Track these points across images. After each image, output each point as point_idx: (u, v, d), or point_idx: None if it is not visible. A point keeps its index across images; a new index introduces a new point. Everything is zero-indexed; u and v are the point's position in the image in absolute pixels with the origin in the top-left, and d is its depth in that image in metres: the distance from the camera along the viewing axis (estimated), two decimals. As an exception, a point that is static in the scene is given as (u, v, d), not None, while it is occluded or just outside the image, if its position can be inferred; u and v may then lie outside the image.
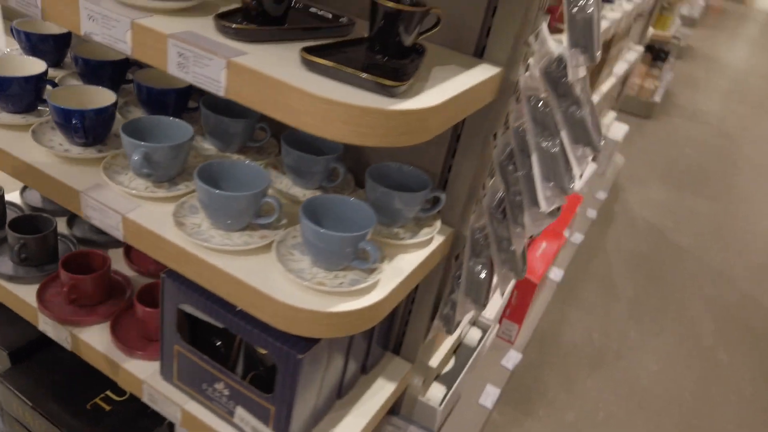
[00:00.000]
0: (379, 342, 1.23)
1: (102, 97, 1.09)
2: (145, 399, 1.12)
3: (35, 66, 1.14)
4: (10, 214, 1.40)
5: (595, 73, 2.20)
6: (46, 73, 1.13)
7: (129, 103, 1.24)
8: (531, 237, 1.07)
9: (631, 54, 2.90)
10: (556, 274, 2.62)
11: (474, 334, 1.71)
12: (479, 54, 0.97)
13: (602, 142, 1.02)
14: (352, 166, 1.16)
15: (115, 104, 1.07)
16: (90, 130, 1.05)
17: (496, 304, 1.86)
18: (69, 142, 1.07)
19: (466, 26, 0.96)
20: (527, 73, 0.97)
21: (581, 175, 1.02)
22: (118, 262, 1.36)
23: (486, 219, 1.08)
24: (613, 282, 2.92)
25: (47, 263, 1.28)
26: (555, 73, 0.95)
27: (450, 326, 1.22)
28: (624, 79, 3.23)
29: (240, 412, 1.03)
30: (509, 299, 2.12)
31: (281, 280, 0.87)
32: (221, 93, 0.76)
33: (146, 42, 0.79)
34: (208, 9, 0.88)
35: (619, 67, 2.66)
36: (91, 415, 1.20)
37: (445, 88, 0.80)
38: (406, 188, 1.02)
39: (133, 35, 0.80)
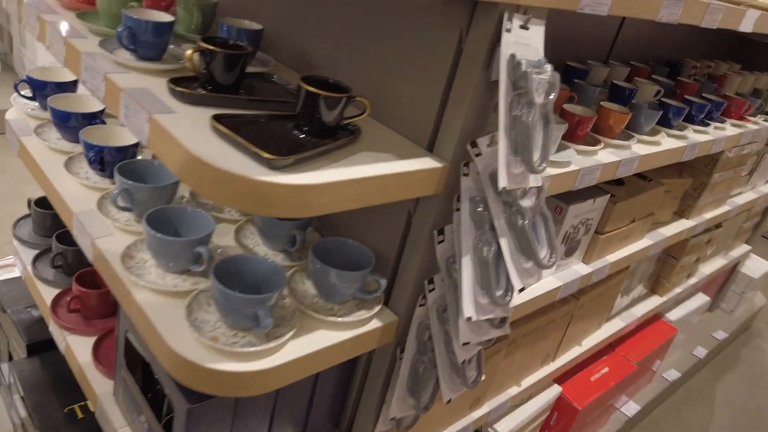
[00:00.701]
0: (329, 419, 1.21)
1: (127, 138, 1.24)
2: (96, 414, 1.21)
3: (95, 105, 1.34)
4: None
5: (691, 197, 2.01)
6: (101, 112, 1.32)
7: (168, 148, 1.39)
8: (464, 343, 1.01)
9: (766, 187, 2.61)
10: (628, 407, 2.36)
11: (477, 444, 1.60)
12: (431, 147, 0.97)
13: (552, 261, 0.95)
14: (327, 234, 1.19)
15: (134, 145, 1.22)
16: (108, 164, 1.20)
17: (514, 419, 1.72)
18: (93, 172, 1.23)
19: (421, 119, 0.97)
20: (476, 174, 0.94)
21: (521, 289, 0.95)
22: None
23: (434, 317, 1.04)
24: (706, 433, 2.54)
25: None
26: (504, 177, 0.92)
27: (397, 423, 1.17)
28: (763, 212, 2.89)
29: (154, 447, 1.07)
30: (547, 420, 1.95)
31: (184, 328, 0.91)
32: (145, 143, 0.85)
33: (111, 92, 0.91)
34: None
35: (743, 198, 2.40)
36: (63, 418, 1.32)
37: (350, 171, 0.82)
38: (351, 266, 1.02)
39: (106, 86, 0.93)
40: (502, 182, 0.87)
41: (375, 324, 1.04)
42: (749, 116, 2.00)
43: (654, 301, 2.25)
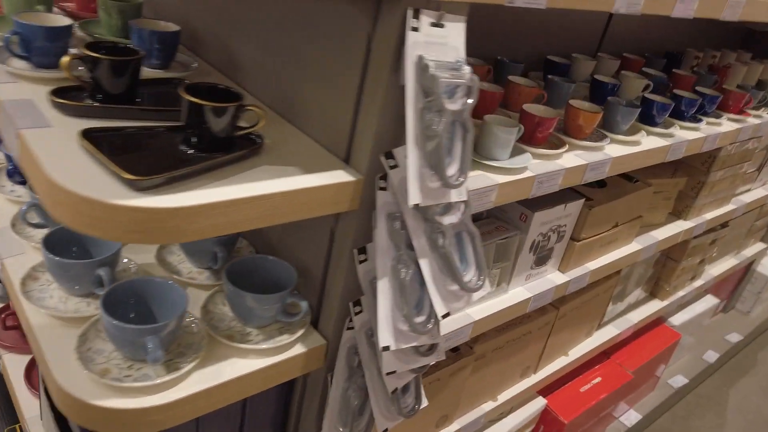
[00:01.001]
0: (268, 445, 1.14)
1: (54, 148, 1.18)
2: (24, 438, 1.15)
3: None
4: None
5: (688, 197, 1.88)
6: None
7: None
8: (389, 373, 0.92)
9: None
10: (628, 416, 2.24)
11: (446, 465, 1.50)
12: (348, 158, 0.87)
13: (480, 283, 0.85)
14: (262, 248, 1.11)
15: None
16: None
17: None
18: (20, 186, 1.17)
19: (336, 127, 0.88)
20: (394, 188, 0.85)
21: (445, 315, 0.85)
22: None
23: (363, 342, 0.95)
24: (715, 444, 2.41)
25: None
26: (423, 191, 0.82)
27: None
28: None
29: (70, 479, 1.00)
30: (532, 434, 1.85)
31: (73, 358, 0.84)
32: (17, 161, 0.77)
33: (-7, 104, 0.84)
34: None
35: (751, 195, 2.25)
36: (1, 439, 1.27)
37: (236, 190, 0.73)
38: (274, 285, 0.95)
39: (-10, 97, 0.86)
40: (414, 198, 0.77)
41: (298, 349, 0.96)
42: (751, 110, 1.85)
43: (653, 306, 2.13)
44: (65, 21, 0.92)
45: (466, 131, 0.79)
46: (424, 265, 0.83)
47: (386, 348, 0.84)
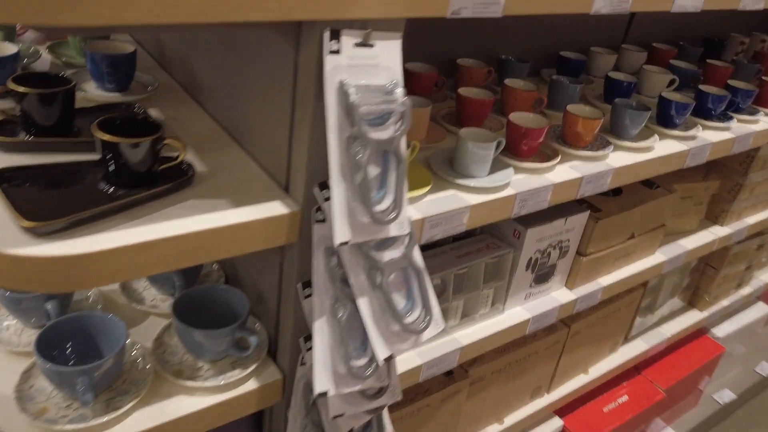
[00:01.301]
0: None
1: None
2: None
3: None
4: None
5: (724, 201, 1.72)
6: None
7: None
8: (336, 416, 0.86)
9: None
10: (665, 435, 2.10)
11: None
12: (288, 187, 0.82)
13: (425, 324, 0.78)
14: (229, 271, 1.08)
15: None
16: None
17: (497, 459, 1.54)
18: None
19: (276, 155, 0.82)
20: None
21: (389, 358, 0.79)
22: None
23: (318, 376, 0.90)
24: (767, 465, 2.23)
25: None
26: (362, 224, 0.76)
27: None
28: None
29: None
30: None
31: (12, 397, 0.82)
32: (-56, 201, 0.76)
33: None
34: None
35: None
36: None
37: (149, 230, 0.69)
38: (228, 315, 0.92)
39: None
40: (341, 236, 0.71)
41: (251, 386, 0.91)
42: (797, 103, 1.67)
43: (692, 317, 1.98)
44: (11, 50, 0.91)
45: (400, 161, 0.72)
46: (363, 304, 0.77)
47: (323, 394, 0.78)
